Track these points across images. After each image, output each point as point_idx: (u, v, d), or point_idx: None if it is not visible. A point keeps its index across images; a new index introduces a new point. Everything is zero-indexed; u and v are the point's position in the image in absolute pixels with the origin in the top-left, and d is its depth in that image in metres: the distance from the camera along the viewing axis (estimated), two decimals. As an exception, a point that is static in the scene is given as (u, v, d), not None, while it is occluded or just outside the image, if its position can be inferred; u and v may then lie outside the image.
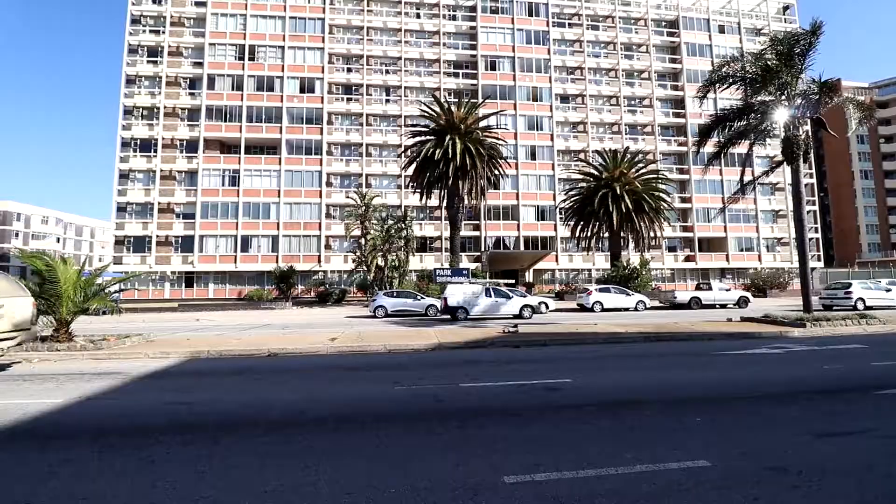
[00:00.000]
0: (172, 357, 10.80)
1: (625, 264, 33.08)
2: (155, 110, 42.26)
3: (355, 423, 5.55)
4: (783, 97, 16.32)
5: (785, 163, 16.84)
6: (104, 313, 23.45)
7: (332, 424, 5.52)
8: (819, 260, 50.00)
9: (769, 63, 16.23)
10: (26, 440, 5.10)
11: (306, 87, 43.58)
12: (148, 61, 42.75)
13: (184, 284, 41.24)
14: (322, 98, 43.38)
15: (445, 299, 20.15)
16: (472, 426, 5.31)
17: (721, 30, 51.15)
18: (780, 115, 16.45)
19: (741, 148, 18.11)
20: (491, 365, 9.57)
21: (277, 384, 8.11)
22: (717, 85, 17.50)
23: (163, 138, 41.70)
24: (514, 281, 34.06)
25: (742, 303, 25.94)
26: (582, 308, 25.92)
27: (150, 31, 43.06)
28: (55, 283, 11.63)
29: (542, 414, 5.87)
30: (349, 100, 44.62)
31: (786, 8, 53.17)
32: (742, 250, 48.35)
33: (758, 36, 50.86)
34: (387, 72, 45.72)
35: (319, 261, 41.77)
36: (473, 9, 46.97)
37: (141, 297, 39.71)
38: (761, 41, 48.36)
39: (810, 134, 17.46)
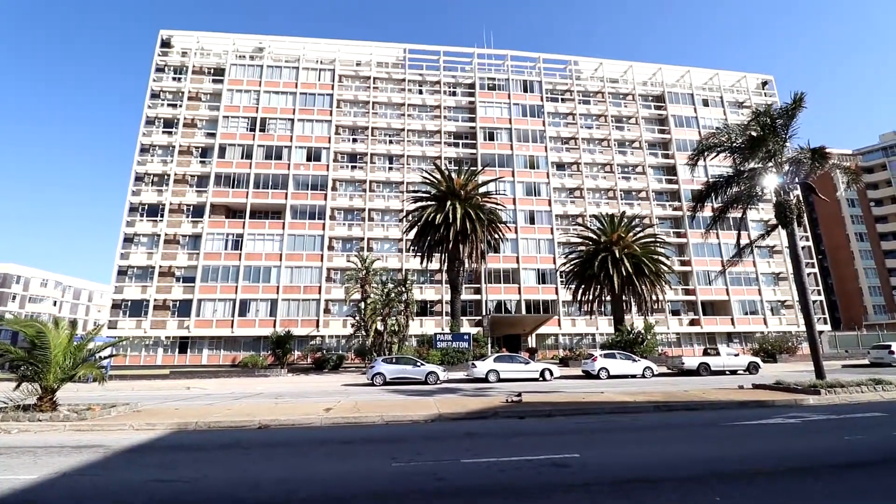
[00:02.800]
0: (158, 429, 10.28)
1: (629, 328, 32.52)
2: (165, 177, 43.62)
3: (348, 504, 5.15)
4: (770, 164, 16.94)
5: (780, 226, 17.12)
6: (93, 381, 22.66)
7: (323, 506, 5.11)
8: (826, 323, 49.25)
9: (755, 133, 17.02)
10: (-11, 526, 4.70)
11: (313, 155, 45.45)
12: (163, 132, 44.89)
13: (177, 350, 40.27)
14: (328, 166, 45.09)
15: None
16: (475, 509, 4.90)
17: (705, 103, 54.28)
18: (770, 182, 17.00)
19: (736, 212, 18.54)
20: (494, 438, 9.08)
21: (267, 459, 7.64)
22: (706, 153, 18.23)
23: (170, 203, 42.75)
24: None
25: (752, 368, 25.22)
26: (587, 375, 25.10)
27: (168, 105, 45.68)
28: (45, 350, 11.34)
29: (550, 494, 5.45)
30: (353, 167, 46.35)
31: (764, 83, 56.81)
32: (746, 313, 47.71)
33: (740, 108, 53.97)
34: (390, 142, 47.96)
35: (318, 325, 41.15)
36: (472, 85, 50.28)
37: (132, 364, 38.70)
38: (744, 113, 51.37)
39: (801, 198, 17.90)
